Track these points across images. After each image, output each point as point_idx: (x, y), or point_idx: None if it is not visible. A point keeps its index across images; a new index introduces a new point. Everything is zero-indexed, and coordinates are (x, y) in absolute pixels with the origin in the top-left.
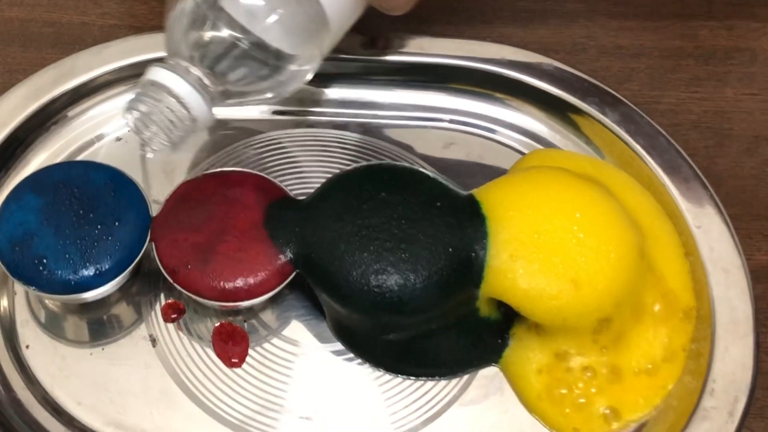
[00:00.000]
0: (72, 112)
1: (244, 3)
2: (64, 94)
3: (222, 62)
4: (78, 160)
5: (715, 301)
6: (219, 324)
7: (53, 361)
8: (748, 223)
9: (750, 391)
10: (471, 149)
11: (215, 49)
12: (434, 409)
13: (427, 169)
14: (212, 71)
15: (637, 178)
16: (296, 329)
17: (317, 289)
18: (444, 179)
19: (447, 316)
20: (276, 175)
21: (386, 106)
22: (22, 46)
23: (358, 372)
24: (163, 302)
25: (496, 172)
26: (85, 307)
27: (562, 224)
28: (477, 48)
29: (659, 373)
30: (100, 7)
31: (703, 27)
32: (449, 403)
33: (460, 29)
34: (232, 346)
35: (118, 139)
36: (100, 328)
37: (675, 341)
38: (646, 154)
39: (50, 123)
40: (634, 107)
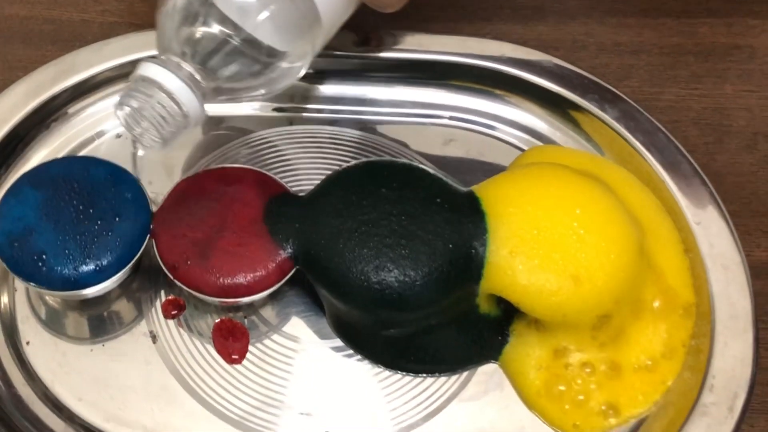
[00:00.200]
0: (72, 109)
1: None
2: (64, 91)
3: (213, 58)
4: (78, 155)
5: (714, 297)
6: (219, 320)
7: (54, 357)
8: (748, 219)
9: (749, 387)
10: (471, 146)
11: (207, 45)
12: (434, 405)
13: (427, 166)
14: (204, 67)
15: (637, 174)
16: (296, 326)
17: (317, 285)
18: (444, 176)
19: (447, 313)
20: (276, 172)
21: (386, 103)
22: (22, 43)
23: (358, 368)
24: (164, 298)
25: (496, 168)
26: (86, 304)
27: (562, 220)
28: (477, 45)
29: (659, 369)
30: (100, 4)
31: (702, 24)
32: (449, 399)
33: (459, 26)
34: (232, 342)
35: (118, 136)
36: (100, 324)
37: (674, 337)
38: (646, 151)
39: (50, 120)
40: (634, 104)
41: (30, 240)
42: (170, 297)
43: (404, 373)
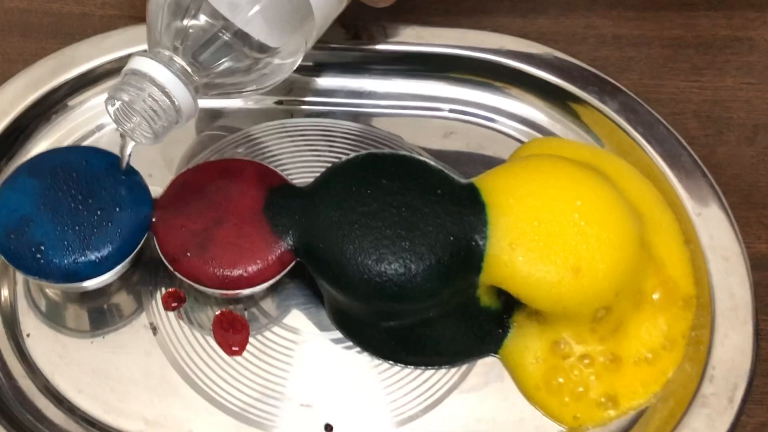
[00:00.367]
0: (72, 102)
1: None
2: (64, 84)
3: (205, 53)
4: (77, 145)
5: (714, 289)
6: (219, 312)
7: (54, 349)
8: (748, 211)
9: (749, 378)
10: (471, 138)
11: (198, 39)
12: (434, 396)
13: (427, 158)
14: (195, 62)
15: (637, 166)
16: (296, 317)
17: (317, 277)
18: (444, 167)
19: (447, 305)
20: (276, 165)
21: (386, 95)
22: (21, 36)
23: (358, 360)
24: (164, 291)
25: (496, 161)
26: (86, 296)
27: (563, 212)
28: (477, 37)
29: (659, 361)
30: None
31: (702, 16)
32: (449, 391)
33: (459, 19)
34: (232, 334)
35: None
36: (100, 316)
37: (674, 329)
38: (646, 143)
39: (50, 113)
40: (634, 96)
41: (28, 231)
42: (170, 289)
43: (404, 365)
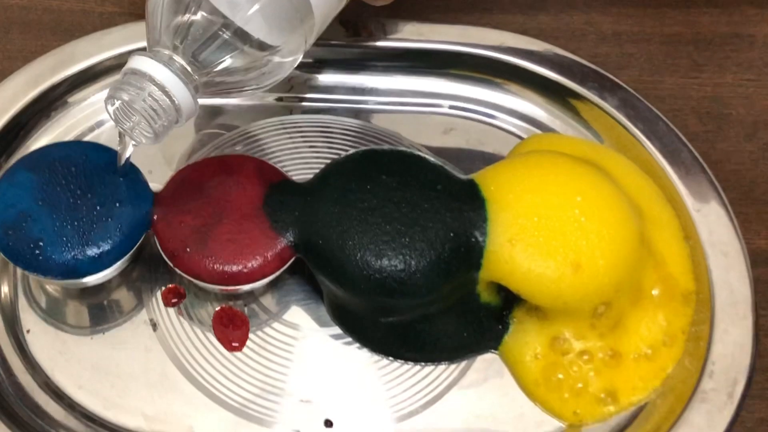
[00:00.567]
0: (72, 99)
1: None
2: (64, 80)
3: (204, 52)
4: (77, 140)
5: (714, 284)
6: (219, 308)
7: (54, 345)
8: (747, 207)
9: (749, 373)
10: (471, 135)
11: (197, 38)
12: (434, 392)
13: (427, 155)
14: (195, 61)
15: (637, 162)
16: (296, 313)
17: (317, 272)
18: (444, 163)
19: (447, 300)
20: (275, 161)
21: (386, 92)
22: (21, 33)
23: (358, 356)
24: (164, 287)
25: (496, 157)
26: (86, 292)
27: (563, 208)
28: (477, 34)
29: (659, 357)
30: None
31: (702, 13)
32: (449, 387)
33: (459, 15)
34: (232, 330)
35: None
36: (100, 312)
37: (674, 325)
38: (646, 139)
39: (50, 110)
40: (634, 92)
41: (25, 227)
42: (170, 285)
43: (403, 361)
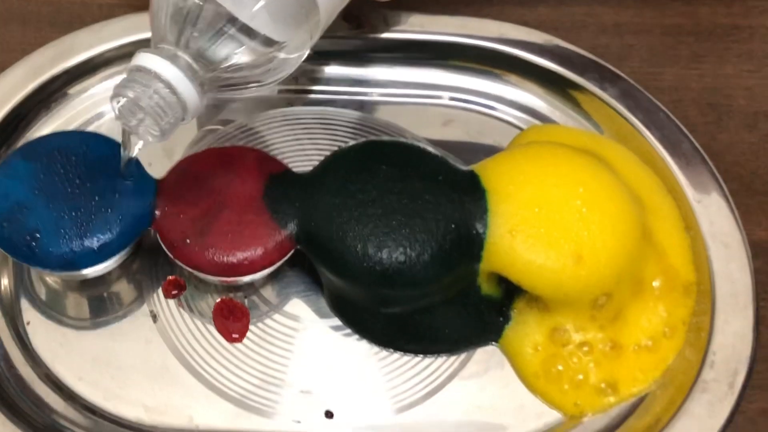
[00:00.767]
0: (72, 90)
1: None
2: (63, 72)
3: (210, 49)
4: (77, 130)
5: (715, 275)
6: (220, 300)
7: (54, 337)
8: (748, 198)
9: (750, 364)
10: (470, 126)
11: (202, 34)
12: (434, 383)
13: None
14: (200, 57)
15: (637, 153)
16: (296, 305)
17: (318, 264)
18: (444, 155)
19: (447, 292)
20: (275, 153)
21: (386, 83)
22: (20, 25)
23: (358, 347)
24: (164, 278)
25: (496, 149)
26: (86, 284)
27: (565, 198)
28: (477, 25)
29: (660, 348)
30: None
31: (702, 4)
32: (449, 378)
33: (459, 7)
34: (233, 321)
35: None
36: (100, 304)
37: (675, 316)
38: (646, 130)
39: (50, 101)
40: (634, 83)
41: (21, 218)
42: (171, 277)
43: (403, 353)
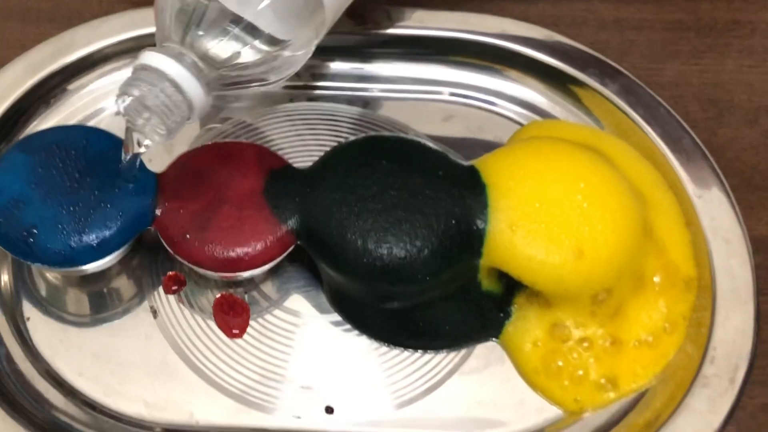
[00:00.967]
0: (71, 86)
1: None
2: (63, 68)
3: (215, 47)
4: (77, 124)
5: (715, 270)
6: (220, 295)
7: (54, 333)
8: (749, 194)
9: (750, 359)
10: (471, 122)
11: (207, 33)
12: (435, 378)
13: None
14: (205, 56)
15: (638, 149)
16: (297, 300)
17: (318, 259)
18: (445, 150)
19: (448, 287)
20: (276, 149)
21: (386, 79)
22: (20, 20)
23: (358, 342)
24: (164, 274)
25: (496, 144)
26: (86, 280)
27: (566, 193)
28: (477, 21)
29: (660, 344)
30: None
31: (703, 0)
32: (450, 373)
33: (459, 2)
34: (233, 317)
35: (118, 113)
36: (100, 300)
37: (676, 311)
38: (647, 125)
39: (50, 97)
40: (635, 79)
41: (17, 213)
42: (171, 272)
43: (403, 348)
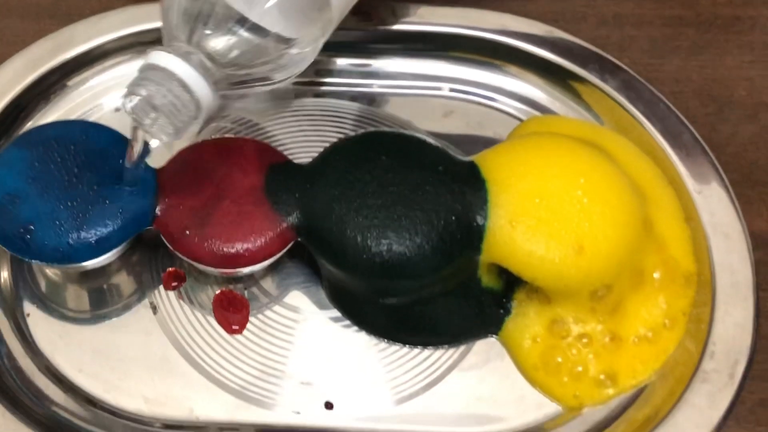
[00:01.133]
0: (71, 82)
1: None
2: (63, 64)
3: (222, 46)
4: (76, 119)
5: (715, 266)
6: (219, 291)
7: (54, 329)
8: (748, 189)
9: (750, 354)
10: (471, 117)
11: (214, 32)
12: (434, 374)
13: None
14: (212, 55)
15: (638, 144)
16: (296, 296)
17: (317, 255)
18: (445, 146)
19: (447, 283)
20: (276, 145)
21: (386, 75)
22: (20, 17)
23: (358, 338)
24: (164, 270)
25: (496, 140)
26: (86, 276)
27: (565, 189)
28: (477, 16)
29: (660, 340)
30: None
31: None
32: (449, 369)
33: None
34: (232, 313)
35: (118, 109)
36: (100, 296)
37: (675, 307)
38: (647, 121)
39: (49, 93)
40: (635, 74)
41: (13, 210)
42: (170, 268)
43: (403, 344)
